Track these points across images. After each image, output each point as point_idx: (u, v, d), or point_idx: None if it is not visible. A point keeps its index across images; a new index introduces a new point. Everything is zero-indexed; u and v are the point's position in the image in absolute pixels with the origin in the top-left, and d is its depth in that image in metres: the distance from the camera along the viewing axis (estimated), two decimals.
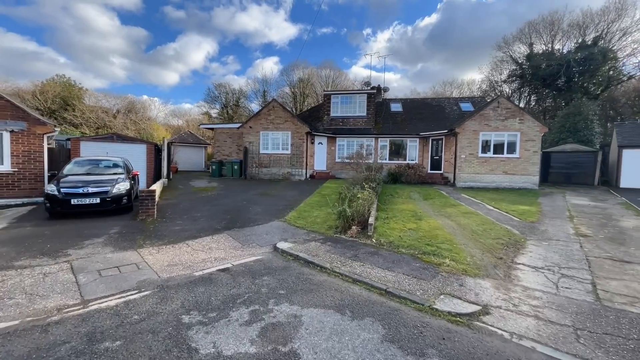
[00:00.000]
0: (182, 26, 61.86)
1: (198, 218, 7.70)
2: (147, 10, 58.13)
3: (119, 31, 55.00)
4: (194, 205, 9.28)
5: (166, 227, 6.78)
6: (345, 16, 67.11)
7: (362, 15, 68.66)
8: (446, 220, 7.97)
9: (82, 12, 50.25)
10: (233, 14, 61.83)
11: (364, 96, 19.61)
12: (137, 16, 57.51)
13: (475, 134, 15.13)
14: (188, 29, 62.47)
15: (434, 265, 4.81)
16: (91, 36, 51.23)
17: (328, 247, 5.74)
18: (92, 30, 51.31)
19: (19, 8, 45.18)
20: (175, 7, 60.62)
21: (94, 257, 4.83)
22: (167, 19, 60.17)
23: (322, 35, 62.67)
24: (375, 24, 67.73)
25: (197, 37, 62.31)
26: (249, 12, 63.08)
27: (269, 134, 17.47)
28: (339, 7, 65.79)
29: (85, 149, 12.00)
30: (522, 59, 32.71)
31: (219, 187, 13.35)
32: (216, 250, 5.53)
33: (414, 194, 12.59)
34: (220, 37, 63.05)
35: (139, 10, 57.44)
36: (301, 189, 13.32)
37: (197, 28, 62.07)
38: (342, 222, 6.94)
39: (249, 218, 7.93)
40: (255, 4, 63.50)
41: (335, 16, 65.15)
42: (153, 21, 58.98)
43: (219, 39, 62.86)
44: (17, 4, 44.89)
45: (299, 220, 7.86)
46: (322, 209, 9.11)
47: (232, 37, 62.36)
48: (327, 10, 63.19)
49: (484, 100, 22.38)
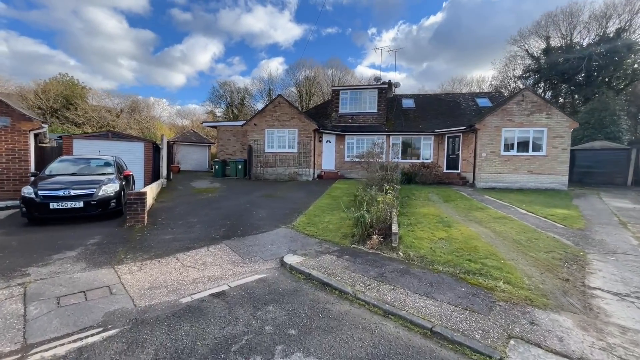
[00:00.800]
0: (188, 28, 62.25)
1: (194, 224, 6.76)
2: (154, 12, 58.75)
3: (127, 34, 55.62)
4: (192, 209, 8.35)
5: (156, 235, 5.85)
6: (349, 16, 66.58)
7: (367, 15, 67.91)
8: (479, 227, 6.90)
9: (92, 16, 50.98)
10: (238, 15, 61.87)
11: (375, 91, 18.54)
12: (145, 19, 58.16)
13: (497, 130, 13.96)
14: (194, 31, 62.83)
15: (485, 289, 3.77)
16: (100, 39, 51.91)
17: (346, 263, 4.73)
18: (101, 33, 51.98)
19: (32, 12, 46.23)
20: (181, 10, 61.11)
21: (58, 278, 3.90)
22: (173, 21, 60.66)
23: (327, 35, 62.16)
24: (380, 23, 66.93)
25: (203, 39, 62.64)
26: (255, 13, 63.04)
27: (275, 131, 16.52)
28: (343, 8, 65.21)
29: (78, 147, 11.21)
30: (539, 53, 31.26)
31: (221, 188, 12.44)
32: (211, 266, 4.57)
33: (432, 195, 11.51)
34: (226, 38, 63.25)
35: (147, 13, 58.07)
36: (309, 190, 12.34)
37: (203, 30, 62.38)
38: (360, 229, 5.92)
39: (252, 224, 6.96)
40: (260, 5, 63.44)
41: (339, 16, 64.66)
42: (160, 23, 59.59)
43: (224, 40, 63.04)
44: (29, 8, 45.89)
45: (309, 227, 6.87)
46: (334, 213, 8.11)
47: (238, 39, 62.49)
48: (332, 11, 62.69)
49: (501, 95, 21.12)
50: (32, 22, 46.94)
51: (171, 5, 59.89)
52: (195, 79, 60.31)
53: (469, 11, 57.78)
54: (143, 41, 57.85)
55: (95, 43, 51.66)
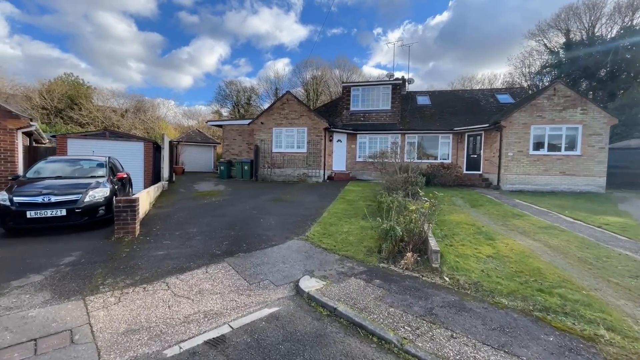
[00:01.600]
0: (195, 31, 62.95)
1: (193, 236, 5.82)
2: (162, 16, 59.70)
3: (136, 37, 56.53)
4: (192, 216, 7.43)
5: (146, 251, 4.92)
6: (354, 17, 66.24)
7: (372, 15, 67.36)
8: (527, 239, 5.83)
9: (102, 20, 52.03)
10: (245, 17, 62.13)
11: (388, 87, 17.47)
12: (153, 22, 59.09)
13: (526, 127, 12.78)
14: (201, 33, 63.53)
15: (584, 340, 2.73)
16: (110, 42, 52.93)
17: (379, 291, 3.73)
18: (111, 36, 52.96)
19: (44, 17, 47.39)
20: (189, 13, 61.86)
21: (7, 318, 2.97)
22: (181, 24, 61.50)
23: (332, 36, 61.86)
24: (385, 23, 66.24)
25: (210, 41, 63.23)
26: (260, 15, 63.24)
27: (283, 130, 15.59)
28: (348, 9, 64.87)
29: (73, 147, 10.43)
30: (558, 48, 29.76)
31: (226, 191, 11.54)
32: (209, 295, 3.61)
33: (456, 199, 10.42)
34: (232, 40, 63.67)
35: (155, 17, 58.97)
36: (321, 193, 11.36)
37: (210, 32, 62.97)
38: (389, 245, 4.90)
39: (260, 235, 6.00)
40: (266, 7, 63.57)
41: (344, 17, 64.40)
42: (168, 26, 60.49)
43: (231, 42, 63.53)
44: (41, 13, 46.96)
45: (326, 239, 5.88)
46: (353, 221, 7.11)
47: (244, 40, 62.80)
48: (337, 12, 62.52)
49: (524, 91, 19.83)
50: (45, 27, 48.25)
51: (179, 8, 60.80)
52: (202, 81, 60.86)
53: (475, 10, 56.71)
54: (151, 44, 58.77)
55: (105, 46, 52.75)
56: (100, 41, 52.50)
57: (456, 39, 55.65)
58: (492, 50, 50.01)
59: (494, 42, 49.50)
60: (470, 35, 54.31)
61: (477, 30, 53.75)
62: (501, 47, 48.83)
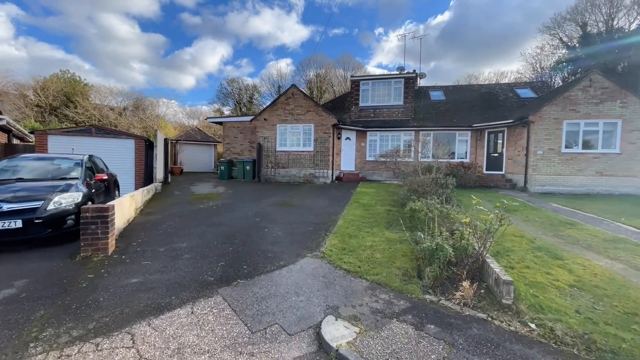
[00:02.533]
0: (198, 32, 63.34)
1: (181, 253, 4.65)
2: (165, 17, 60.15)
3: (139, 38, 56.83)
4: (183, 225, 6.27)
5: (116, 278, 3.76)
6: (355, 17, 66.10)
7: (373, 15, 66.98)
8: (602, 257, 4.62)
9: (105, 21, 52.39)
10: (246, 18, 62.19)
11: (400, 81, 16.24)
12: (156, 23, 59.44)
13: (557, 122, 11.53)
14: (203, 34, 63.81)
15: None
16: (113, 43, 53.32)
17: (439, 345, 2.55)
18: (114, 37, 53.30)
19: (48, 18, 47.89)
20: (191, 14, 62.21)
21: None
22: (183, 25, 61.84)
23: (334, 36, 61.70)
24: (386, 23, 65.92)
25: (212, 42, 63.51)
26: (262, 16, 63.28)
27: (288, 127, 14.41)
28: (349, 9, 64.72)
29: (54, 145, 9.32)
30: (575, 42, 28.38)
31: (226, 194, 10.38)
32: (192, 356, 2.44)
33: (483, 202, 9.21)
34: (234, 40, 63.76)
35: (158, 18, 59.35)
36: (331, 196, 10.17)
37: (212, 33, 63.19)
38: (436, 269, 3.71)
39: (264, 252, 4.82)
40: (268, 8, 63.52)
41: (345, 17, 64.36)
42: (170, 27, 60.97)
43: (233, 43, 63.57)
44: (46, 15, 47.38)
45: (347, 256, 4.70)
46: (375, 232, 5.92)
47: (246, 41, 62.90)
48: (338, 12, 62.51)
49: (546, 85, 18.55)
50: (49, 28, 48.62)
51: (181, 9, 61.17)
52: (204, 81, 60.95)
53: (476, 9, 56.06)
54: (154, 45, 59.01)
55: (109, 47, 53.10)
56: (103, 42, 52.82)
57: (457, 38, 54.93)
58: (494, 50, 49.64)
59: (496, 41, 49.05)
60: (472, 35, 53.68)
61: (478, 30, 53.13)
62: (503, 46, 48.24)
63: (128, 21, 57.63)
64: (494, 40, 49.50)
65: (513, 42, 47.35)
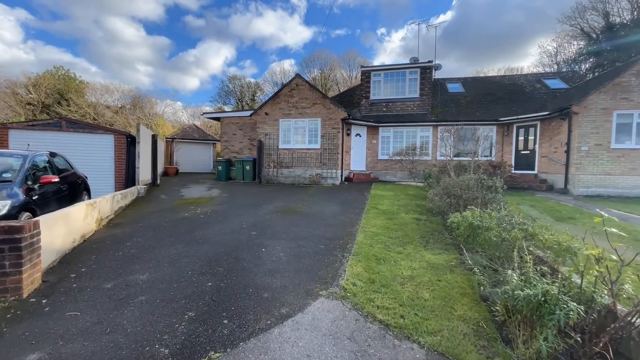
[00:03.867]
0: (201, 34, 64.25)
1: (133, 294, 3.13)
2: (169, 20, 61.49)
3: (144, 41, 57.97)
4: (154, 243, 4.76)
5: (4, 354, 2.26)
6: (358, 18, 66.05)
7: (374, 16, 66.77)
8: None
9: (111, 25, 53.96)
10: (249, 20, 62.61)
11: (416, 71, 14.64)
12: (161, 26, 60.64)
13: (606, 113, 9.87)
14: (207, 36, 64.69)
15: None
16: (119, 46, 54.79)
17: None
18: (120, 40, 54.90)
19: (56, 22, 49.90)
20: (195, 16, 63.06)
21: None
22: (187, 27, 62.86)
23: (336, 37, 61.84)
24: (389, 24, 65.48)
25: (216, 44, 64.24)
26: (265, 17, 63.61)
27: (292, 122, 12.89)
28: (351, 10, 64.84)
29: (16, 141, 7.91)
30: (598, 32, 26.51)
31: (219, 199, 8.89)
32: None
33: (524, 207, 7.63)
34: (238, 42, 64.37)
35: (162, 21, 60.49)
36: (342, 200, 8.63)
37: (216, 35, 63.93)
38: (552, 339, 2.15)
39: (257, 290, 3.30)
40: (270, 10, 63.69)
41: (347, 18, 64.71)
42: (175, 30, 62.21)
43: (236, 45, 64.04)
44: (54, 19, 49.21)
45: (380, 295, 3.19)
46: (411, 253, 4.38)
47: (249, 42, 63.43)
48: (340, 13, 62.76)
49: (577, 75, 16.82)
50: (57, 32, 50.31)
51: (185, 12, 61.95)
52: (208, 83, 61.64)
53: (479, 9, 54.99)
54: (159, 47, 60.07)
55: (115, 50, 54.57)
56: (109, 45, 54.11)
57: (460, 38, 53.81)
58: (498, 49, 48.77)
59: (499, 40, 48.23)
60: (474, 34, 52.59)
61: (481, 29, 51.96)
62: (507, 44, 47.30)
63: (134, 24, 58.35)
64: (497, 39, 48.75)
65: (517, 40, 46.48)
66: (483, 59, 52.32)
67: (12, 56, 39.59)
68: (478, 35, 52.43)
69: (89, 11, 52.80)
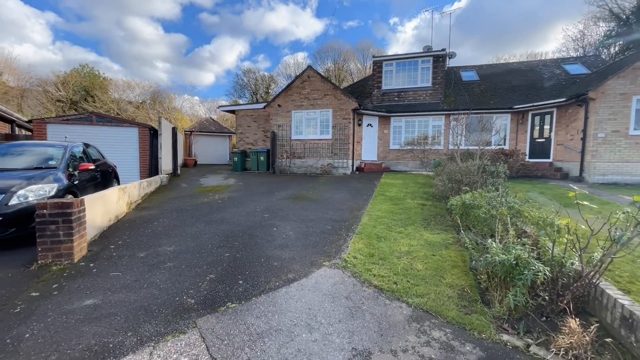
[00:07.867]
0: (216, 30, 66.55)
1: (163, 260, 3.67)
2: (185, 18, 64.48)
3: (162, 39, 61.33)
4: (178, 223, 5.31)
5: (66, 298, 2.80)
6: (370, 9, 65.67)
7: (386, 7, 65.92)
8: None
9: (131, 24, 57.72)
10: (262, 15, 63.85)
11: (429, 60, 14.55)
12: (177, 24, 63.77)
13: (625, 99, 9.61)
14: (222, 32, 67.01)
15: None
16: (138, 44, 59.22)
17: None
18: (139, 39, 59.18)
19: (81, 24, 52.82)
20: (209, 13, 65.31)
21: None
22: (203, 24, 65.44)
23: (348, 29, 62.05)
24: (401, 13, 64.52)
25: (230, 39, 66.39)
26: (277, 12, 64.56)
27: (304, 113, 13.24)
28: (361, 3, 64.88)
29: (53, 134, 8.72)
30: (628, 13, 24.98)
31: (234, 187, 9.44)
32: None
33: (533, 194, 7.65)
34: (251, 37, 66.07)
35: (179, 19, 63.59)
36: (352, 188, 8.97)
37: (230, 31, 66.07)
38: (521, 296, 2.45)
39: (269, 259, 3.75)
40: (282, 4, 64.38)
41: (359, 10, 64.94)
42: (191, 27, 65.12)
43: (250, 40, 65.84)
44: (79, 21, 52.51)
45: (377, 266, 3.55)
46: (410, 232, 4.70)
47: (262, 37, 64.88)
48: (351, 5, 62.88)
49: (600, 59, 16.14)
50: (82, 33, 54.49)
51: (200, 10, 64.35)
52: (223, 77, 63.90)
53: None
54: (176, 44, 63.11)
55: (134, 49, 58.09)
56: (129, 44, 57.63)
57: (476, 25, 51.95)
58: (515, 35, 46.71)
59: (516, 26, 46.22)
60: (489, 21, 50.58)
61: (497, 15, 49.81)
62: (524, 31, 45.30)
63: (152, 23, 61.13)
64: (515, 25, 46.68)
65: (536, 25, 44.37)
66: (501, 46, 50.52)
67: (42, 57, 42.83)
68: (494, 22, 50.54)
69: (111, 12, 55.62)
